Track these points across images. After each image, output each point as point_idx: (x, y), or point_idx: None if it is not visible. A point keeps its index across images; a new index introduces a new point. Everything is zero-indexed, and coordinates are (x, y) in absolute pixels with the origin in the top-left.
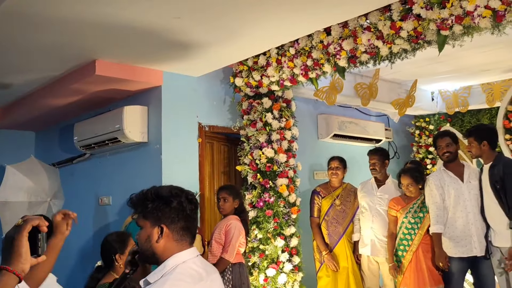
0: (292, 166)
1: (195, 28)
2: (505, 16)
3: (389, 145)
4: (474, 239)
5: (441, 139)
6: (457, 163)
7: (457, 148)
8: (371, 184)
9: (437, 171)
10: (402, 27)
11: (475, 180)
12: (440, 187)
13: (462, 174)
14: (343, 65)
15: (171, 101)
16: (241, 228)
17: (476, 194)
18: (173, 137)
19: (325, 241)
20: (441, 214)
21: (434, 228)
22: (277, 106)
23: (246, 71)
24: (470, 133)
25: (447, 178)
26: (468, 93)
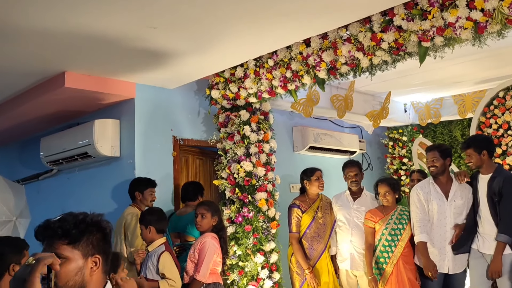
0: (271, 180)
1: (171, 39)
2: (487, 28)
3: (363, 156)
4: (448, 257)
5: (429, 153)
6: (447, 178)
7: (444, 163)
8: (346, 197)
9: (425, 182)
10: (383, 38)
11: (460, 199)
12: (426, 199)
13: (448, 192)
14: (323, 76)
15: (145, 114)
16: (216, 246)
17: (459, 214)
18: (147, 151)
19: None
20: (425, 223)
21: (419, 237)
22: (255, 118)
23: (222, 83)
24: (468, 144)
25: (433, 192)
26: (440, 105)
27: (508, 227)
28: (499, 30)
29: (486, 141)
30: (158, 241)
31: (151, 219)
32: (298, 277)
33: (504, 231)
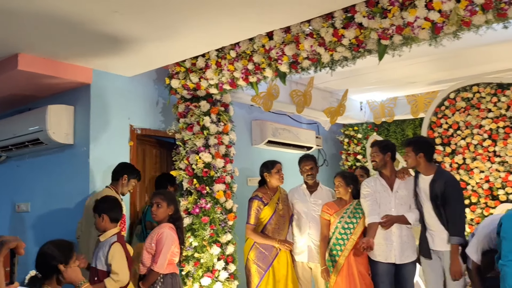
0: (229, 172)
1: (131, 24)
2: (443, 28)
3: (319, 152)
4: (394, 246)
5: (371, 149)
6: (390, 172)
7: (383, 158)
8: (303, 191)
9: (371, 177)
10: (344, 35)
11: (404, 191)
12: (373, 192)
13: (393, 184)
14: (284, 70)
15: (101, 101)
16: (174, 237)
17: (403, 204)
18: (102, 140)
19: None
20: (376, 208)
21: (369, 219)
22: (215, 109)
23: (183, 72)
24: (409, 143)
25: (379, 186)
26: (394, 104)
27: (458, 229)
28: (454, 31)
29: (426, 144)
30: (111, 231)
31: (104, 208)
32: (258, 269)
33: (455, 233)
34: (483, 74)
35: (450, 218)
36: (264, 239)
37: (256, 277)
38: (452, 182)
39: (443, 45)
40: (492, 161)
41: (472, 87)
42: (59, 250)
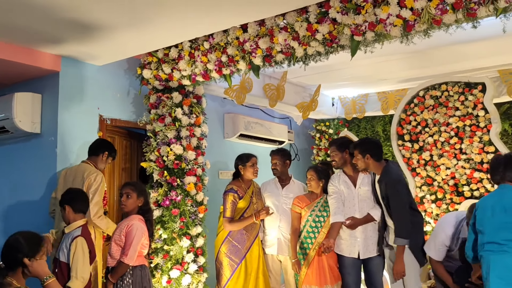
0: (200, 164)
1: (103, 10)
2: (415, 26)
3: (291, 147)
4: (358, 242)
5: (329, 149)
6: (352, 168)
7: (342, 156)
8: (275, 184)
9: (336, 174)
10: (318, 29)
11: (366, 186)
12: (337, 190)
13: (356, 180)
14: (258, 63)
15: (70, 90)
16: (144, 229)
17: (366, 200)
18: (71, 129)
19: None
20: (340, 206)
21: (333, 219)
22: (187, 101)
23: (155, 63)
24: (355, 146)
25: (342, 183)
26: (365, 101)
27: (400, 230)
28: (425, 30)
29: (371, 145)
30: (76, 223)
31: (67, 199)
32: (231, 262)
33: (398, 234)
34: (452, 73)
35: (393, 218)
36: (243, 223)
37: (228, 270)
38: (392, 183)
39: (414, 43)
40: (458, 158)
41: (441, 86)
42: (26, 243)
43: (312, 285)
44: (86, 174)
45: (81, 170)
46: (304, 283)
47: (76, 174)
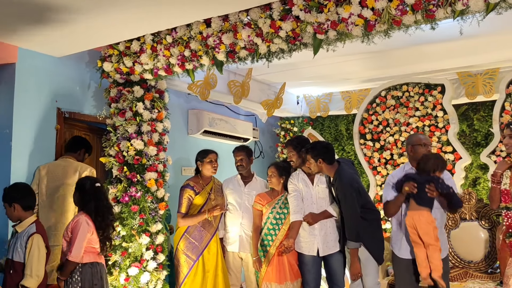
0: (162, 160)
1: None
2: (375, 26)
3: (256, 144)
4: (317, 239)
5: (286, 148)
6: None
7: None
8: (238, 181)
9: (295, 173)
10: (281, 26)
11: (324, 184)
12: (296, 188)
13: (314, 178)
14: (221, 59)
15: (27, 82)
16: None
17: (324, 197)
18: (27, 122)
19: (198, 240)
20: (300, 205)
21: (293, 217)
22: (149, 96)
23: (116, 55)
24: (307, 151)
25: (301, 181)
26: (329, 100)
27: (351, 234)
28: (386, 30)
29: (322, 149)
30: (27, 220)
31: (15, 196)
32: (188, 259)
33: (349, 238)
34: (412, 74)
35: (345, 223)
36: (195, 218)
37: (185, 268)
38: (342, 188)
39: (374, 43)
40: None
41: (402, 86)
42: None
43: (272, 282)
44: (80, 168)
45: (71, 165)
46: (264, 280)
47: (65, 168)
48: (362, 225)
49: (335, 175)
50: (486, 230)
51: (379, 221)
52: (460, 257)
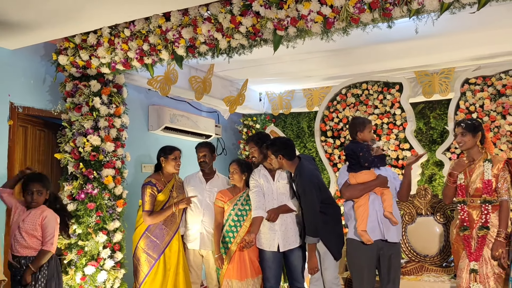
0: (120, 156)
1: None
2: (334, 24)
3: (218, 141)
4: (277, 235)
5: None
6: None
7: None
8: (199, 178)
9: (256, 169)
10: (241, 22)
11: (285, 179)
12: (257, 184)
13: (275, 174)
14: (181, 53)
15: None
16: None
17: (285, 193)
18: None
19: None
20: (262, 200)
21: (255, 213)
22: (106, 90)
23: (72, 48)
24: (267, 147)
25: (262, 176)
26: (291, 97)
27: (309, 229)
28: (344, 27)
29: (282, 145)
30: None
31: None
32: (148, 258)
33: (308, 233)
34: (372, 72)
35: (304, 218)
36: (163, 214)
37: (145, 266)
38: (302, 184)
39: (333, 40)
40: None
41: (362, 84)
42: None
43: (233, 279)
44: None
45: None
46: (225, 277)
47: None
48: (321, 220)
49: (295, 171)
50: (441, 225)
51: (339, 216)
52: (416, 251)
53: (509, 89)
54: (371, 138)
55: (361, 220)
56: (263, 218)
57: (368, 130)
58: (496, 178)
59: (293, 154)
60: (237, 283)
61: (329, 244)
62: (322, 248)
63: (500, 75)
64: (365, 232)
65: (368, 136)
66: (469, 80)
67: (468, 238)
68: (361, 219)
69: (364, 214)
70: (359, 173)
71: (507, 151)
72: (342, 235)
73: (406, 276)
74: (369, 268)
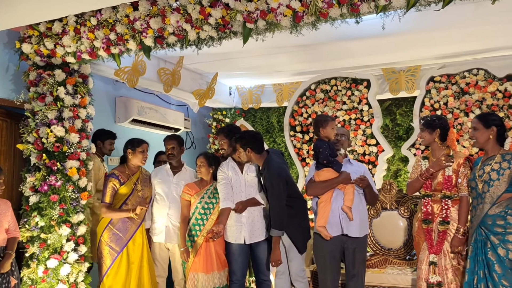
0: (85, 148)
1: None
2: (303, 18)
3: (187, 135)
4: (244, 228)
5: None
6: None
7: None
8: (166, 171)
9: (225, 161)
10: (211, 13)
11: (253, 172)
12: (225, 176)
13: (243, 166)
14: (149, 44)
15: None
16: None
17: (253, 185)
18: None
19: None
20: (230, 192)
21: (223, 204)
22: (71, 80)
23: (36, 37)
24: (236, 140)
25: (230, 169)
26: (261, 91)
27: (275, 222)
28: (313, 22)
29: (250, 138)
30: None
31: None
32: (111, 251)
33: (273, 226)
34: (341, 69)
35: (270, 211)
36: (119, 214)
37: (108, 259)
38: (269, 178)
39: (303, 35)
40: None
41: (331, 80)
42: None
43: (199, 272)
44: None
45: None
46: (191, 271)
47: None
48: (287, 214)
49: (264, 165)
50: (405, 219)
51: (305, 210)
52: (380, 244)
53: (472, 87)
54: (334, 135)
55: (321, 216)
56: (231, 210)
57: (330, 127)
58: (456, 174)
59: (262, 147)
60: (203, 276)
61: (294, 237)
62: (287, 241)
63: (464, 73)
64: (323, 228)
65: (331, 133)
66: (434, 78)
67: (430, 231)
68: (321, 215)
69: (324, 210)
70: (321, 171)
71: (469, 147)
72: (308, 228)
73: (370, 269)
74: (333, 262)
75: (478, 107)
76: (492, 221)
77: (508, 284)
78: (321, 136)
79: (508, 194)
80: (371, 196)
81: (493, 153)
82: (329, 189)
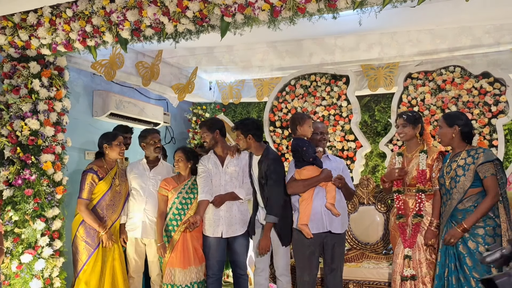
0: (60, 142)
1: None
2: (281, 12)
3: (167, 129)
4: (222, 221)
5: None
6: (222, 148)
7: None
8: (143, 165)
9: (206, 155)
10: (188, 6)
11: (233, 166)
12: (206, 169)
13: (224, 160)
14: (126, 36)
15: None
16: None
17: (233, 180)
18: None
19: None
20: (209, 185)
21: (201, 196)
22: (47, 72)
23: (11, 28)
24: (237, 126)
25: (211, 163)
26: (241, 87)
27: (273, 208)
28: (291, 16)
29: (253, 125)
30: None
31: None
32: (87, 246)
33: (270, 212)
34: (321, 64)
35: (268, 196)
36: (92, 221)
37: (84, 255)
38: (273, 163)
39: (280, 29)
40: None
41: (310, 76)
42: None
43: (176, 267)
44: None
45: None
46: (168, 266)
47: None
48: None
49: (263, 153)
50: (382, 214)
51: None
52: (358, 239)
53: (449, 84)
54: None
55: (302, 214)
56: (209, 202)
57: (307, 125)
58: (431, 169)
59: (261, 136)
60: (180, 271)
61: (283, 228)
62: (273, 236)
63: (441, 70)
64: (305, 226)
65: (308, 131)
66: (412, 75)
67: (404, 225)
68: (303, 213)
69: (306, 208)
70: (303, 169)
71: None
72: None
73: (347, 263)
74: (312, 258)
75: (454, 104)
76: (462, 215)
77: (479, 276)
78: (298, 134)
79: (474, 189)
80: (347, 192)
81: (459, 149)
82: (311, 187)
